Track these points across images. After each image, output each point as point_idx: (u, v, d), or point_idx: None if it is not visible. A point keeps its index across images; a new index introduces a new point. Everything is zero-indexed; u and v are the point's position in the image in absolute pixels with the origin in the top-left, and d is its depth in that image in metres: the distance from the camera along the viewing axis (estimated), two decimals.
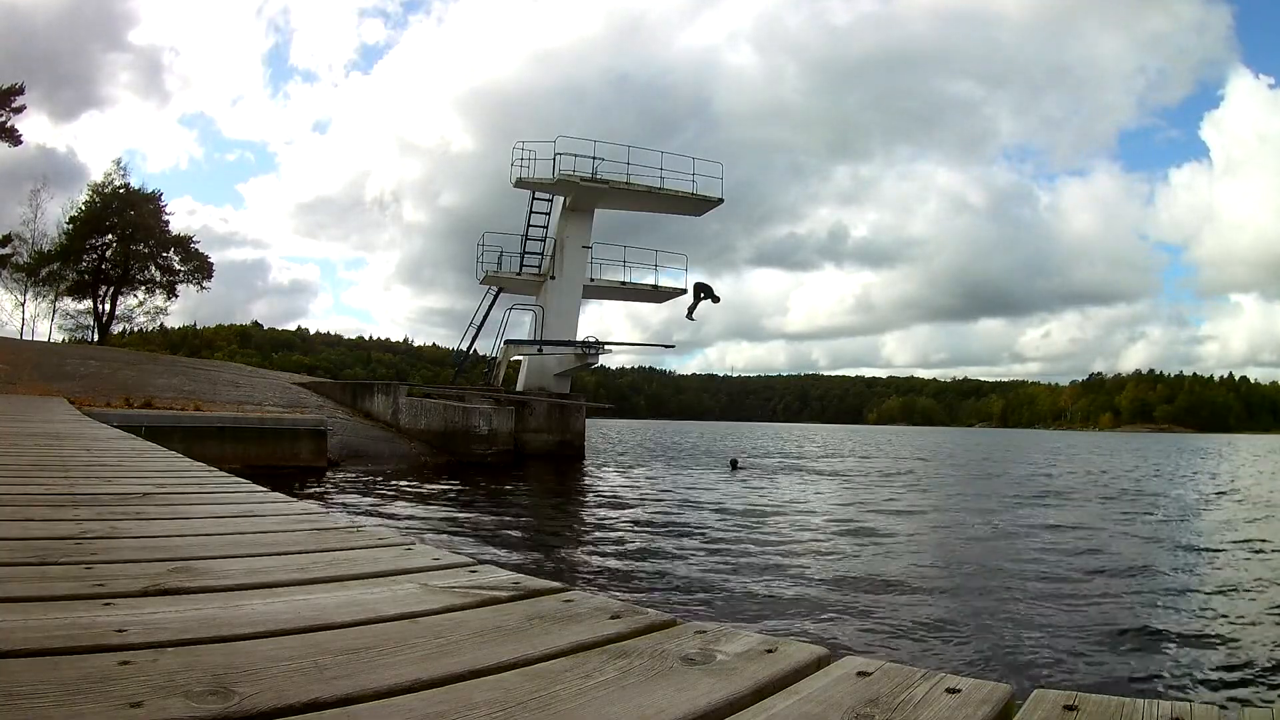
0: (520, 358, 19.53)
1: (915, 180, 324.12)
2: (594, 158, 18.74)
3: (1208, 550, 7.33)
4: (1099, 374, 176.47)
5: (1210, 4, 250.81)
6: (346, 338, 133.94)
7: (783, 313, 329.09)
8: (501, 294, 19.83)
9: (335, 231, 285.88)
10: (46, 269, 29.42)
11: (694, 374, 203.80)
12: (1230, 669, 3.70)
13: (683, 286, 20.72)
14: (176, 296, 31.54)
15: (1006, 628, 4.33)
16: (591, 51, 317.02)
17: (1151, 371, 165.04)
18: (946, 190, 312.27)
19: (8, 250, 29.12)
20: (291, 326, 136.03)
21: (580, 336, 19.21)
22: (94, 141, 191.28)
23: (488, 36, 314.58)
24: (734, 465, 18.11)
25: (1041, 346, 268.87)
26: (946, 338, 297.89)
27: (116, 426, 6.98)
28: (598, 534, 7.66)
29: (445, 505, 9.20)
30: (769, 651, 0.93)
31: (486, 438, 15.23)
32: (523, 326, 20.07)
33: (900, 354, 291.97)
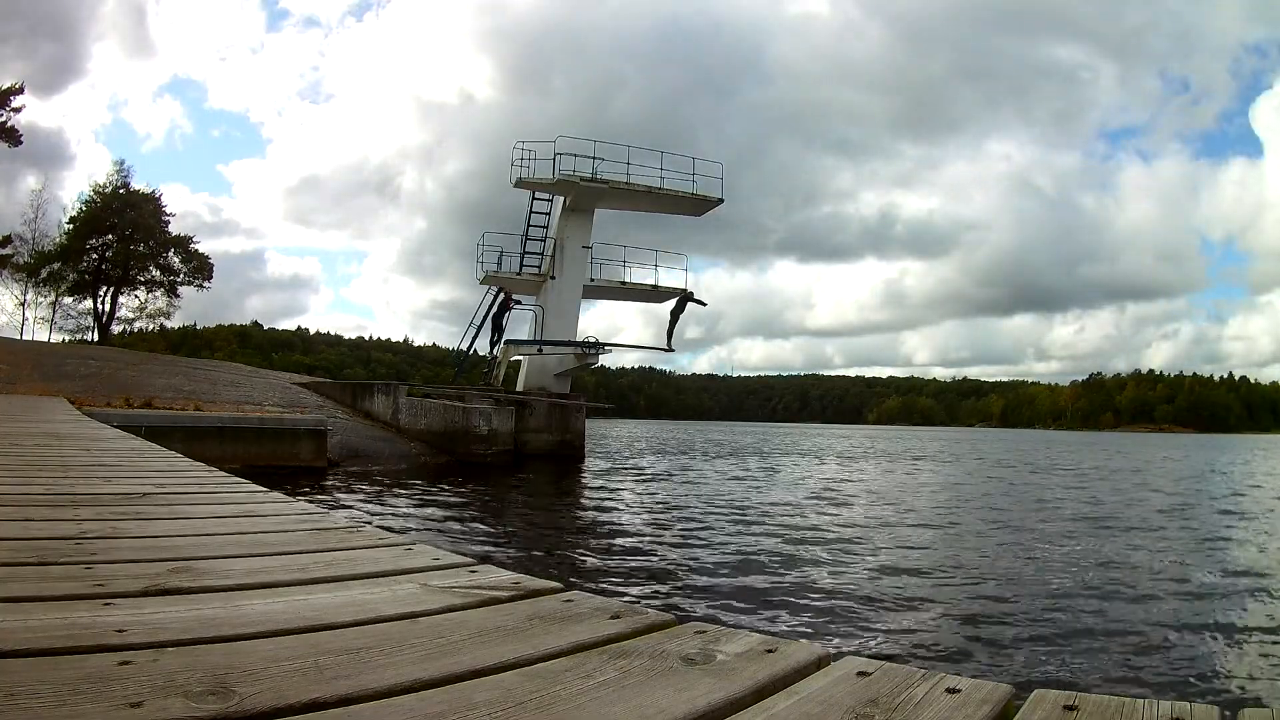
0: (520, 358, 19.55)
1: (981, 162, 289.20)
2: (594, 158, 18.83)
3: (1212, 550, 7.33)
4: (1099, 374, 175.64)
5: None
6: (347, 337, 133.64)
7: (808, 307, 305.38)
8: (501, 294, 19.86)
9: (332, 218, 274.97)
10: (47, 269, 29.51)
11: (694, 374, 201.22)
12: (1230, 669, 3.70)
13: (683, 286, 20.76)
14: (179, 297, 31.67)
15: (1006, 628, 4.33)
16: None
17: (1151, 371, 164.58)
18: (1015, 174, 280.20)
19: (8, 250, 29.18)
20: (291, 325, 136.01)
21: (581, 336, 19.25)
22: (82, 117, 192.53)
23: None
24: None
25: (1073, 343, 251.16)
26: (970, 333, 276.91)
27: (116, 426, 6.97)
28: (598, 534, 7.66)
29: (445, 505, 9.20)
30: (769, 652, 0.93)
31: (486, 438, 15.23)
32: (523, 326, 20.12)
33: (921, 351, 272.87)
